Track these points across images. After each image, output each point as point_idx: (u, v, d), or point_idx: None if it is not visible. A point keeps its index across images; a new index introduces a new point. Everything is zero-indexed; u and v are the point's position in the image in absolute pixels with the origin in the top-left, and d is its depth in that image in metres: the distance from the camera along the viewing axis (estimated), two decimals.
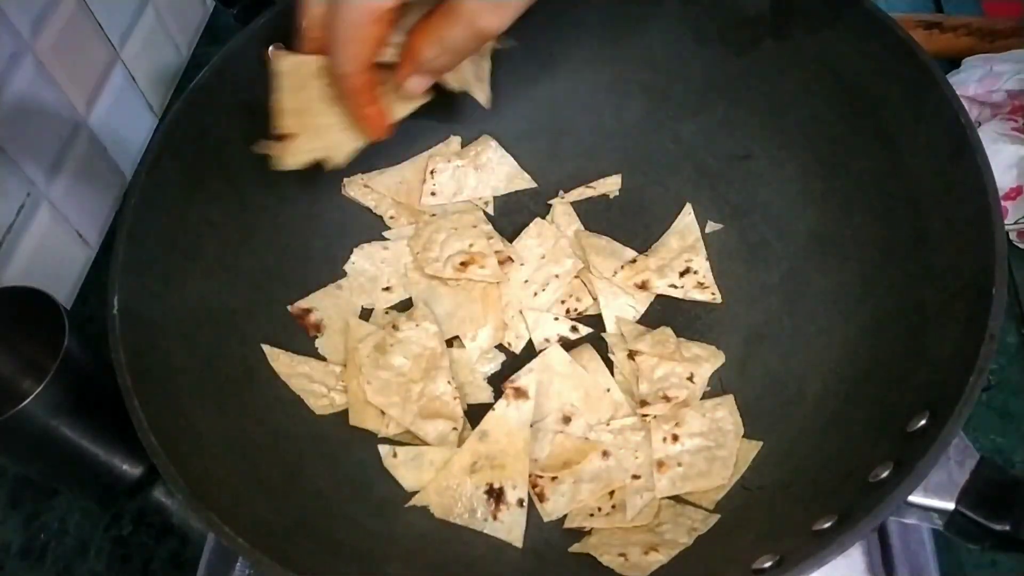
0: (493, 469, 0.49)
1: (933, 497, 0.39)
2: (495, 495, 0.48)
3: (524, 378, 0.51)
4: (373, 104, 0.46)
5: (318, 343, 0.56)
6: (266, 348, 0.53)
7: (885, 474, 0.38)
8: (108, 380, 0.43)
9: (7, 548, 0.56)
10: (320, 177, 0.60)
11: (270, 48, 0.54)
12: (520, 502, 0.48)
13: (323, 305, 0.57)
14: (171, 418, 0.43)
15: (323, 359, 0.55)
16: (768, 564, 0.38)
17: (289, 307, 0.56)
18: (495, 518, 0.48)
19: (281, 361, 0.53)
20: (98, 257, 0.69)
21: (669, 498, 0.48)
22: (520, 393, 0.50)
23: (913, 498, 0.39)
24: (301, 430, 0.51)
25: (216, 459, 0.45)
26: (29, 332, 0.51)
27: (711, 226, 0.59)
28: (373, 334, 0.55)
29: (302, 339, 0.55)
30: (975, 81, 0.66)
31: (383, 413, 0.52)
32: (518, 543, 0.48)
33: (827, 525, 0.38)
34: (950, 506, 0.39)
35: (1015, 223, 0.61)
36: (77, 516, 0.57)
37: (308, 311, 0.56)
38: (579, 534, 0.48)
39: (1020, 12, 0.74)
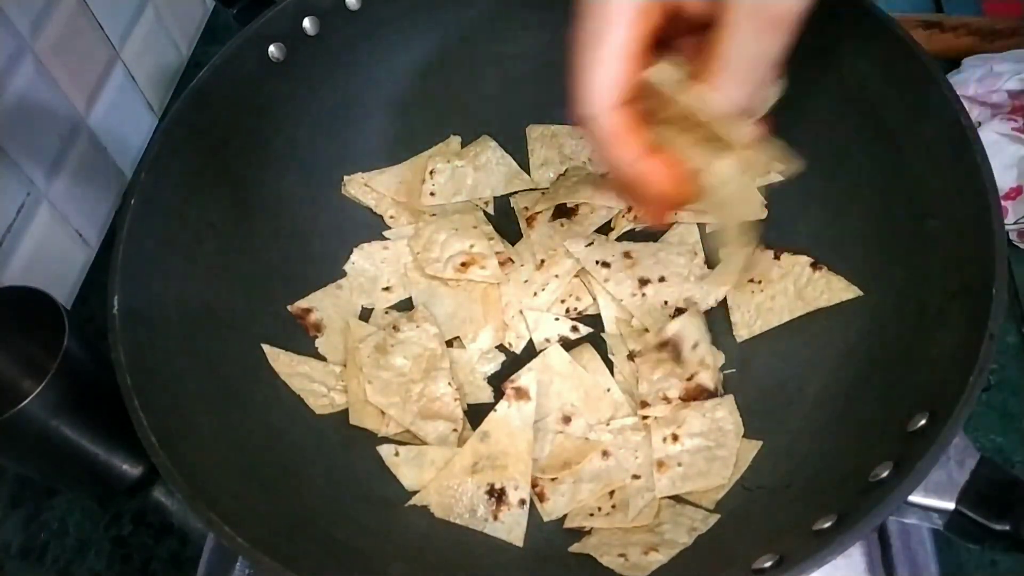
0: (495, 469, 0.49)
1: (933, 497, 0.39)
2: (496, 495, 0.48)
3: (524, 378, 0.51)
4: (644, 159, 0.33)
5: (318, 343, 0.56)
6: (266, 348, 0.53)
7: (885, 474, 0.38)
8: (108, 380, 0.43)
9: (7, 548, 0.56)
10: (320, 177, 0.61)
11: None
12: (522, 502, 0.48)
13: (323, 305, 0.57)
14: (171, 418, 0.43)
15: (323, 359, 0.55)
16: (768, 564, 0.38)
17: (289, 307, 0.56)
18: (496, 518, 0.48)
19: (281, 361, 0.53)
20: (98, 257, 0.69)
21: (669, 498, 0.48)
22: (521, 393, 0.50)
23: (913, 498, 0.39)
24: (301, 430, 0.51)
25: (216, 459, 0.45)
26: (29, 332, 0.51)
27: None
28: (374, 335, 0.55)
29: (302, 339, 0.55)
30: (975, 81, 0.66)
31: (383, 413, 0.52)
32: (519, 543, 0.48)
33: (827, 525, 0.38)
34: (950, 506, 0.39)
35: (1015, 223, 0.61)
36: (77, 516, 0.57)
37: (308, 311, 0.56)
38: (579, 534, 0.48)
39: (1020, 12, 0.74)
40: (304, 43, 0.56)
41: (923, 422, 0.39)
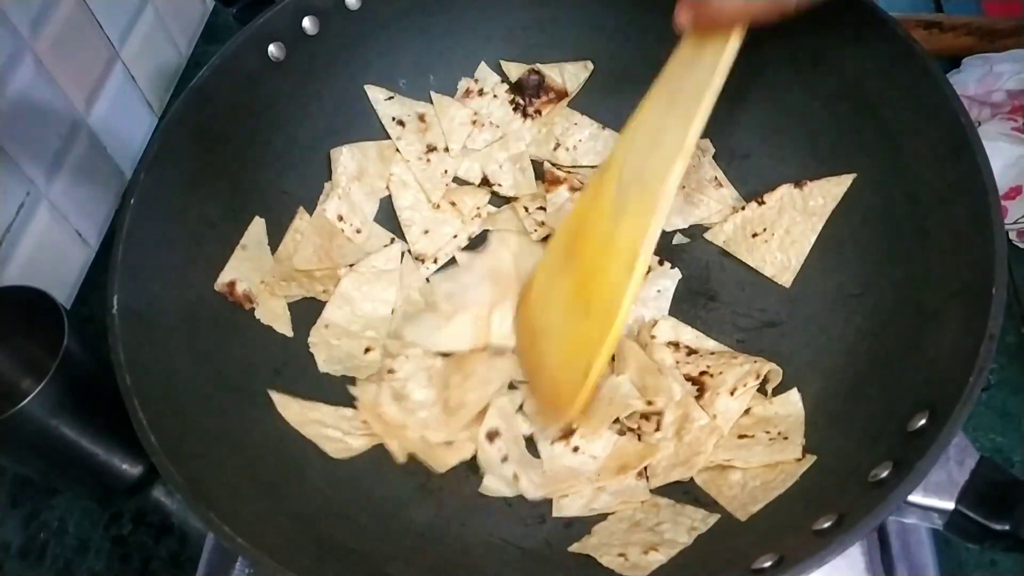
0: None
1: (933, 497, 0.39)
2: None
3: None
4: None
5: (257, 314, 0.53)
6: (275, 396, 0.50)
7: (885, 474, 0.38)
8: (108, 380, 0.43)
9: (7, 548, 0.56)
10: (320, 177, 0.61)
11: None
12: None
13: (242, 271, 0.53)
14: (171, 418, 0.43)
15: (332, 403, 0.52)
16: (768, 564, 0.38)
17: (215, 287, 0.52)
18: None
19: (292, 410, 0.50)
20: (98, 257, 0.69)
21: (669, 498, 0.48)
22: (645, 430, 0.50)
23: (913, 498, 0.39)
24: None
25: (216, 459, 0.45)
26: (29, 332, 0.51)
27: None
28: (380, 389, 0.52)
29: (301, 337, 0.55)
30: (975, 81, 0.66)
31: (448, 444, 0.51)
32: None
33: (827, 525, 0.38)
34: (950, 506, 0.39)
35: (1015, 223, 0.61)
36: (77, 516, 0.57)
37: (232, 284, 0.53)
38: (579, 534, 0.48)
39: (1020, 12, 0.74)
40: (304, 43, 0.56)
41: (923, 422, 0.39)
